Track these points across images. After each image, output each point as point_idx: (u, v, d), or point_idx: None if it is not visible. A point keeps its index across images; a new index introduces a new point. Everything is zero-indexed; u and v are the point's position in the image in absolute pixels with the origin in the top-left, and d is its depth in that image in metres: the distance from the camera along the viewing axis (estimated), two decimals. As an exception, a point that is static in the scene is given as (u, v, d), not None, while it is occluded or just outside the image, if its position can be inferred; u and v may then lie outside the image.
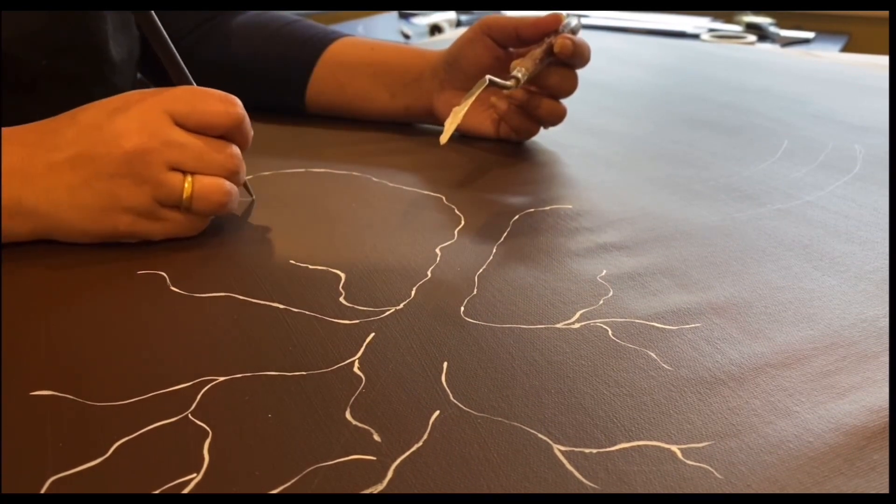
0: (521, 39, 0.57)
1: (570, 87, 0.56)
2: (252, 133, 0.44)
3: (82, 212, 0.39)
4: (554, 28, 0.55)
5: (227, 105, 0.41)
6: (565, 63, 0.55)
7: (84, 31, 0.54)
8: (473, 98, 0.48)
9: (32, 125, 0.41)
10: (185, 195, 0.40)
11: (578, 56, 0.54)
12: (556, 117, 0.58)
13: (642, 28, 1.61)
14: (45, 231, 0.40)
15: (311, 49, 0.64)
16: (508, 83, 0.50)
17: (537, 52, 0.53)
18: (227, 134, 0.42)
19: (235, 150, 0.42)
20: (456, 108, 0.47)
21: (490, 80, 0.49)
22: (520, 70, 0.51)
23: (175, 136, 0.39)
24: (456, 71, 0.59)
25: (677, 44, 1.15)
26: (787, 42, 1.56)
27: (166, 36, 0.44)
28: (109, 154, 0.38)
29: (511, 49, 0.58)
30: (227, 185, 0.41)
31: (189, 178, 0.40)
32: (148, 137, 0.39)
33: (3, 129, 0.39)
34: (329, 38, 0.65)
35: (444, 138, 0.46)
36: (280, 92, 0.65)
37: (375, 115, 0.65)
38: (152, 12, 0.44)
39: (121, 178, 0.39)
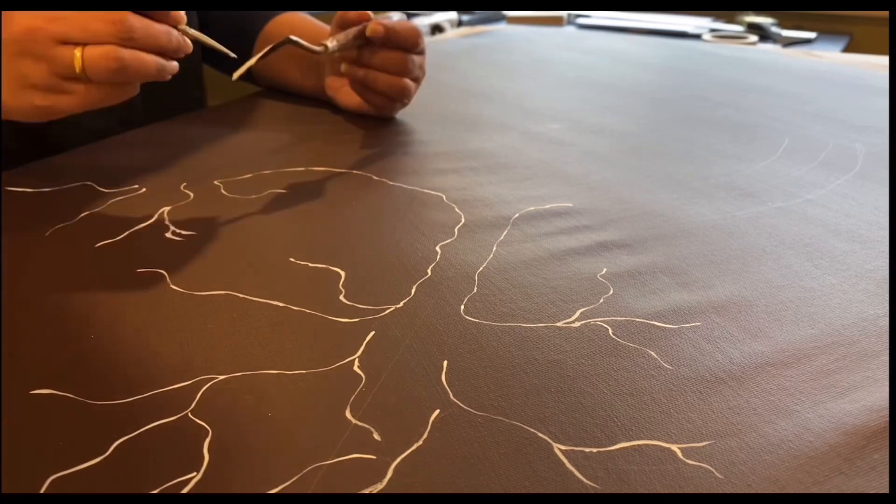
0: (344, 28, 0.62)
1: (394, 64, 0.60)
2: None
3: (5, 91, 0.44)
4: (357, 23, 0.60)
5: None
6: (395, 45, 0.60)
7: None
8: (265, 52, 0.51)
9: None
10: (77, 66, 0.42)
11: (395, 37, 0.59)
12: (397, 91, 0.62)
13: (643, 28, 1.61)
14: None
15: (259, 20, 0.73)
16: (315, 47, 0.55)
17: (352, 30, 0.59)
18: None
19: (123, 16, 0.43)
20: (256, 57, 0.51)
21: (290, 40, 0.52)
22: (330, 41, 0.57)
23: (60, 13, 0.42)
24: (330, 58, 0.67)
25: (678, 44, 1.15)
26: (788, 42, 1.56)
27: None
28: (6, 36, 0.43)
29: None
30: (121, 52, 0.43)
31: (79, 49, 0.42)
32: (33, 17, 0.42)
33: None
34: (274, 14, 0.73)
35: (235, 76, 0.49)
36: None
37: (291, 89, 0.74)
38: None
39: (20, 57, 0.43)
